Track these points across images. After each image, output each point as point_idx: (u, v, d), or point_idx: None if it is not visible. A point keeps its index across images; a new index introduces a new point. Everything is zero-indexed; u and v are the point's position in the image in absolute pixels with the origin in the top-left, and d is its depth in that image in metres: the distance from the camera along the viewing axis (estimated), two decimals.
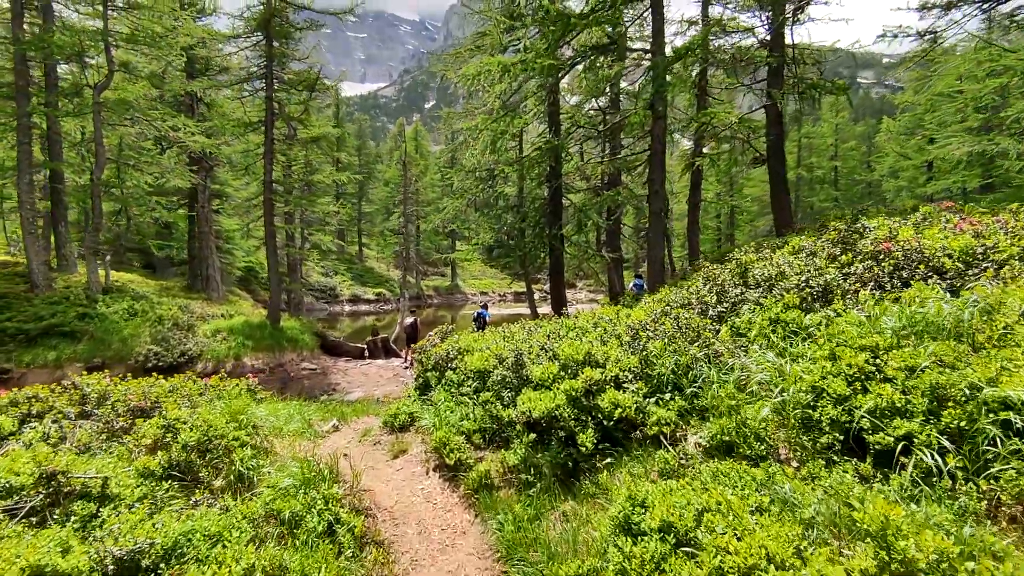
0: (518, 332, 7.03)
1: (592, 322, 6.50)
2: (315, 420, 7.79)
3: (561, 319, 7.31)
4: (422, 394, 5.96)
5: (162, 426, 4.79)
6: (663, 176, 11.35)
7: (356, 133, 70.49)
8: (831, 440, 2.86)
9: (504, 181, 20.09)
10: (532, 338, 6.13)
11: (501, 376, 4.71)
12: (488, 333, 7.31)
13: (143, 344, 14.78)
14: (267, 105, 17.54)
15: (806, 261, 4.90)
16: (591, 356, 4.31)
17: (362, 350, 20.10)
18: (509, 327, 7.91)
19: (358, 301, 50.55)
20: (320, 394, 15.50)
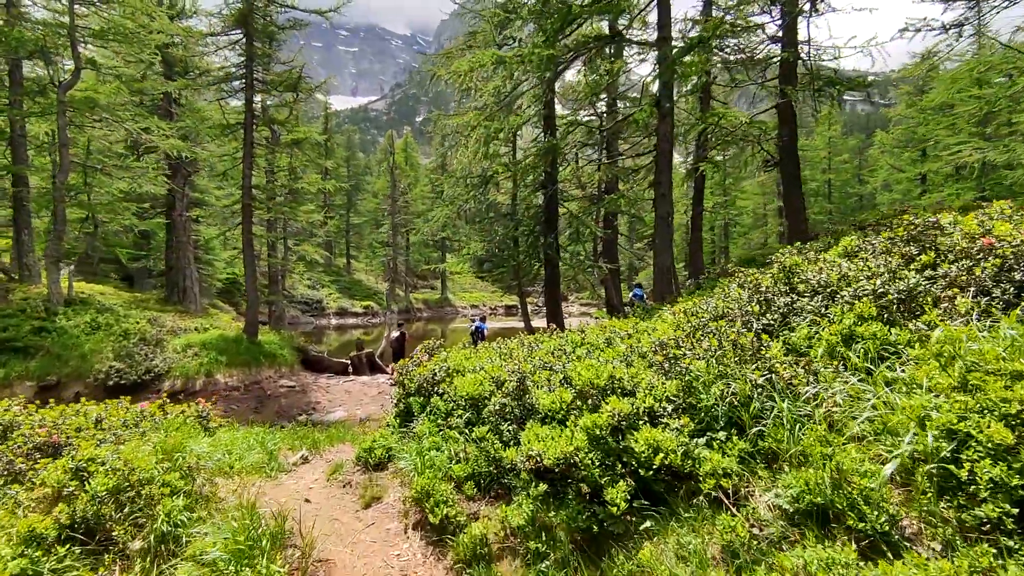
0: (517, 349, 6.08)
1: (604, 337, 5.57)
2: (282, 450, 6.75)
3: (566, 334, 6.38)
4: (403, 423, 4.97)
5: (69, 469, 3.76)
6: (670, 178, 10.53)
7: (345, 144, 69.80)
8: (996, 513, 1.93)
9: (496, 189, 19.24)
10: (535, 356, 5.19)
11: (500, 405, 3.77)
12: (482, 350, 6.35)
13: (105, 360, 13.61)
14: (246, 107, 16.58)
15: (877, 262, 4.01)
16: (616, 381, 3.38)
17: (346, 366, 19.00)
18: (505, 343, 6.96)
19: (345, 314, 49.35)
20: (298, 413, 14.39)
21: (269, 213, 18.35)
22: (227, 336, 16.22)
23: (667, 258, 10.68)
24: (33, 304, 15.01)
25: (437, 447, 3.95)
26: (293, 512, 3.98)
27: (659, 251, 10.80)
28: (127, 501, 3.69)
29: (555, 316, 16.91)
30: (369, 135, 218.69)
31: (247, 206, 16.48)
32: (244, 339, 16.42)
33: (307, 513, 4.10)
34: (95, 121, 16.67)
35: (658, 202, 10.77)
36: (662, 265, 10.74)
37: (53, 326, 14.24)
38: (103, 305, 16.58)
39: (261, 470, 5.36)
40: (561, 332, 7.53)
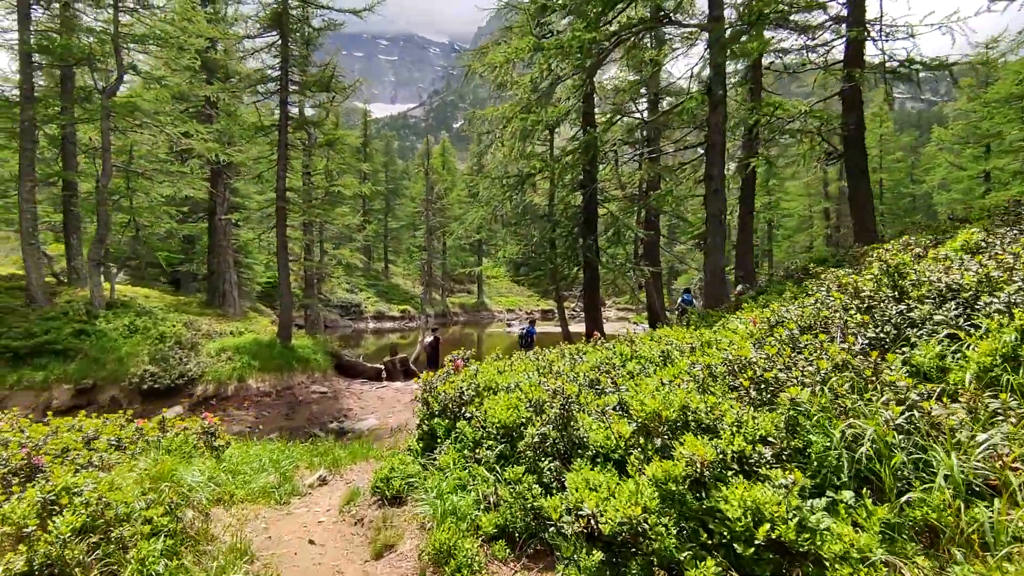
0: (557, 361, 5.33)
1: (658, 350, 4.76)
2: (300, 468, 6.19)
3: (613, 344, 5.60)
4: (427, 448, 4.29)
5: (36, 502, 3.23)
6: (723, 172, 9.59)
7: (383, 150, 70.53)
8: None
9: (533, 189, 18.55)
10: (578, 371, 4.44)
11: (539, 437, 3.03)
12: (518, 362, 5.63)
13: (140, 364, 13.54)
14: (281, 108, 16.43)
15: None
16: (690, 412, 2.61)
17: (379, 371, 18.61)
18: (544, 354, 6.22)
19: (383, 318, 49.51)
20: (329, 421, 14.00)
21: (304, 216, 18.15)
22: (260, 340, 16.04)
23: (720, 259, 9.71)
24: (75, 307, 15.15)
25: (463, 485, 3.25)
26: (291, 559, 3.34)
27: (711, 252, 9.83)
28: (99, 543, 3.12)
29: (594, 322, 16.05)
30: (408, 142, 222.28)
31: (281, 208, 16.29)
32: (277, 343, 16.20)
33: (309, 561, 3.46)
34: (136, 126, 16.83)
35: (709, 199, 9.83)
36: (715, 268, 9.78)
37: (93, 329, 14.30)
38: (142, 308, 16.66)
39: (270, 495, 4.78)
40: (604, 341, 6.75)
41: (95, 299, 15.69)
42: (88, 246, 20.72)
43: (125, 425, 4.64)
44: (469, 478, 3.25)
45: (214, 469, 4.33)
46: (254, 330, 18.46)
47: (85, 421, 4.66)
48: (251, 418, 13.46)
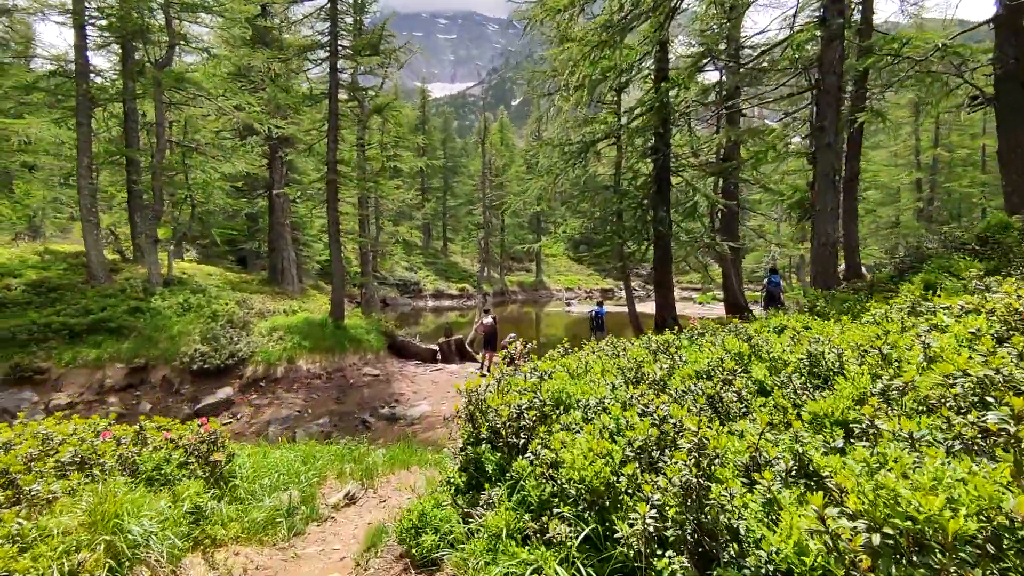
0: (646, 361, 3.99)
1: (802, 351, 3.31)
2: (327, 479, 5.19)
3: (721, 339, 4.20)
4: (471, 483, 3.08)
5: None
6: (836, 120, 7.73)
7: (441, 127, 69.91)
8: None
9: (597, 158, 16.90)
10: (683, 379, 3.10)
11: (653, 526, 1.75)
12: (594, 361, 4.33)
13: (191, 343, 13.23)
14: (331, 75, 15.55)
15: None
16: (953, 503, 1.25)
17: (434, 352, 17.79)
18: (625, 346, 4.90)
19: (441, 296, 49.35)
20: (380, 406, 13.25)
21: (356, 189, 17.38)
22: (312, 320, 15.48)
23: (831, 228, 7.89)
24: (133, 284, 15.10)
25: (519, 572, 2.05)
26: None
27: (820, 219, 8.00)
28: None
29: (665, 303, 14.41)
30: (467, 121, 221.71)
31: (332, 181, 15.53)
32: (329, 323, 15.60)
33: None
34: (190, 99, 16.48)
35: (820, 155, 8.00)
36: (824, 238, 7.95)
37: (147, 307, 14.14)
38: (198, 286, 16.49)
39: (276, 528, 3.75)
40: (678, 327, 5.34)
41: (152, 276, 15.60)
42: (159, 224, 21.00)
43: (101, 435, 3.70)
44: (527, 554, 2.02)
45: (199, 497, 3.32)
46: (308, 308, 18.04)
47: (56, 428, 3.77)
48: (300, 401, 12.90)
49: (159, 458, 3.38)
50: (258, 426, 11.92)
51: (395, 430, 11.98)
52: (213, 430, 3.97)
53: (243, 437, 11.62)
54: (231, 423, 11.97)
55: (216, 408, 12.18)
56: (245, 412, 12.29)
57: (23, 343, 11.90)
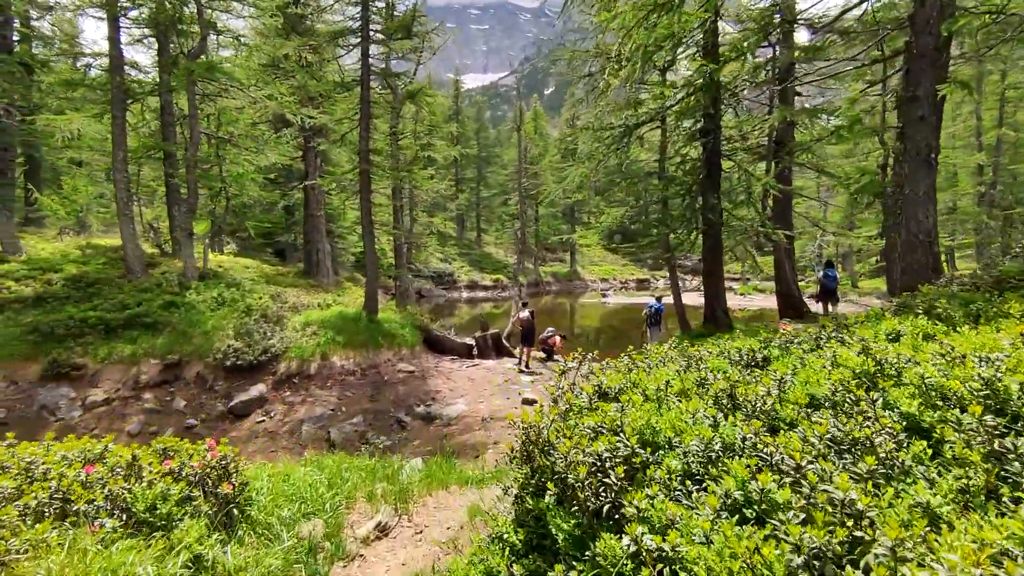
0: (740, 381, 3.24)
1: (965, 379, 2.52)
2: (357, 501, 4.63)
3: (833, 352, 3.42)
4: (529, 543, 2.41)
5: None
6: (932, 89, 6.70)
7: (475, 117, 69.35)
8: None
9: (640, 143, 15.94)
10: (798, 407, 2.37)
11: None
12: (671, 374, 3.60)
13: (225, 338, 13.00)
14: (362, 61, 15.04)
15: None
16: None
17: (470, 347, 17.24)
18: (702, 357, 4.15)
19: (475, 287, 49.04)
20: (415, 404, 12.77)
21: (389, 179, 16.91)
22: (346, 314, 15.12)
23: (928, 216, 6.87)
24: (169, 278, 15.02)
25: None
26: None
27: (912, 207, 6.98)
28: None
29: (716, 295, 13.46)
30: (500, 111, 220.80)
31: (364, 172, 15.07)
32: (363, 317, 15.21)
33: None
34: (222, 90, 16.26)
35: (911, 131, 6.97)
36: (918, 227, 6.92)
37: (182, 301, 14.01)
38: (232, 279, 16.35)
39: (295, 571, 3.18)
40: (778, 338, 4.55)
41: (187, 270, 15.51)
42: (197, 218, 21.07)
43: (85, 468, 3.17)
44: None
45: (199, 545, 2.76)
46: (342, 302, 17.74)
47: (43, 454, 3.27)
48: (334, 399, 12.54)
49: (153, 495, 2.85)
50: (291, 425, 11.61)
51: (431, 431, 11.48)
52: (223, 455, 3.42)
53: (276, 436, 11.32)
54: (264, 421, 11.69)
55: (249, 405, 11.92)
56: (278, 410, 11.99)
57: (60, 338, 11.87)
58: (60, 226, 21.02)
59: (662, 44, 9.18)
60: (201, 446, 3.57)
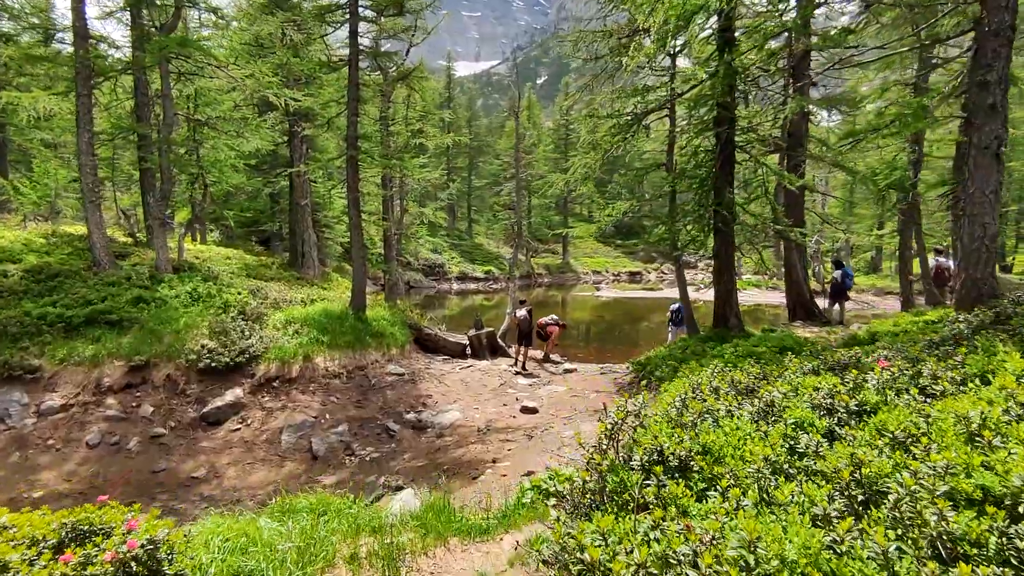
0: (873, 463, 2.36)
1: None
2: (336, 566, 3.75)
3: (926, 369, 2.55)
4: None
5: None
6: (1007, 73, 5.87)
7: (467, 105, 68.11)
8: None
9: (647, 133, 15.04)
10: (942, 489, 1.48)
11: None
12: (752, 438, 2.72)
13: (199, 337, 11.98)
14: (351, 41, 13.96)
15: None
16: None
17: (463, 347, 16.36)
18: (775, 400, 3.28)
19: (466, 279, 48.20)
20: (405, 410, 11.89)
21: (379, 167, 15.88)
22: (331, 311, 14.13)
23: (994, 221, 6.06)
24: (139, 271, 13.92)
25: None
26: None
27: (976, 208, 6.13)
28: None
29: (728, 296, 12.65)
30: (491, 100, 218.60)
31: (352, 158, 14.04)
32: (349, 315, 14.24)
33: None
34: (198, 69, 15.08)
35: (980, 120, 6.11)
36: (982, 233, 6.10)
37: (153, 296, 12.95)
38: (210, 272, 15.27)
39: None
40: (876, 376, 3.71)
41: (160, 262, 14.42)
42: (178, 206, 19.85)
43: None
44: None
45: None
46: (328, 296, 16.73)
47: None
48: (317, 404, 11.60)
49: None
50: (270, 433, 10.67)
51: (422, 441, 10.61)
52: (149, 541, 2.50)
53: (253, 446, 10.38)
54: (240, 429, 10.74)
55: (224, 412, 10.95)
56: (256, 417, 11.04)
57: (14, 337, 10.78)
58: (26, 213, 19.71)
59: (691, 17, 8.24)
60: (119, 526, 2.65)
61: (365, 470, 9.58)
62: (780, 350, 8.80)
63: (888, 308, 27.86)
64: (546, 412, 11.19)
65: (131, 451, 9.82)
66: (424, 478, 8.51)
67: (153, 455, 9.83)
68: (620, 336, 24.38)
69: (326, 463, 9.98)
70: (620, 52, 12.19)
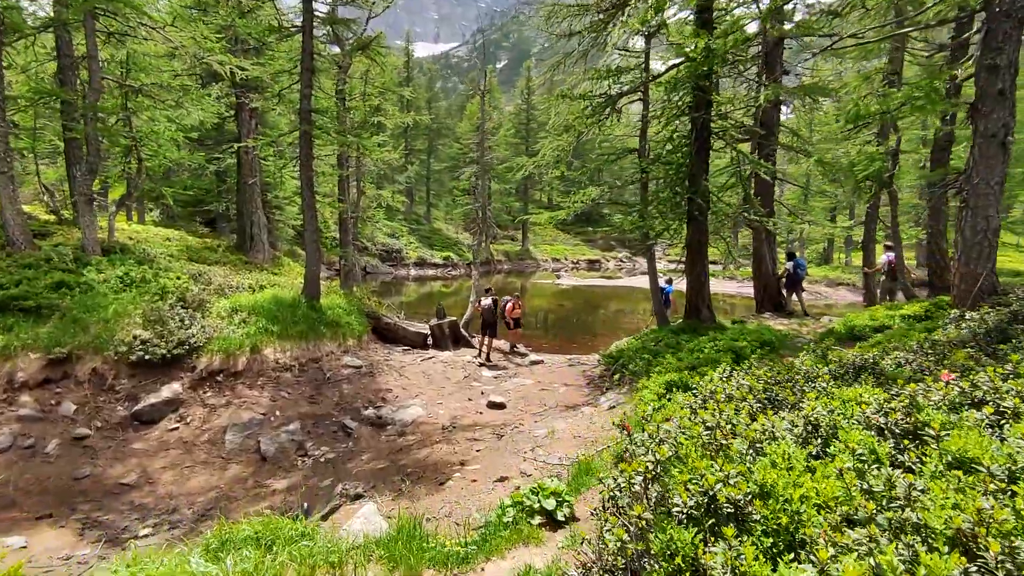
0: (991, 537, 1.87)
1: None
2: None
3: None
4: None
5: None
6: (1016, 54, 5.59)
7: (426, 85, 66.33)
8: None
9: (617, 116, 14.56)
10: None
11: None
12: (858, 499, 2.20)
13: (131, 327, 10.80)
14: (304, 6, 12.83)
15: None
16: None
17: (424, 337, 15.62)
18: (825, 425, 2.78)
19: (424, 265, 47.16)
20: (363, 406, 11.11)
21: (335, 144, 14.82)
22: (282, 298, 13.11)
23: (995, 212, 5.82)
24: (62, 252, 12.49)
25: None
26: None
27: (979, 200, 5.86)
28: None
29: (700, 287, 12.40)
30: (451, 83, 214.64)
31: (306, 133, 12.98)
32: (302, 302, 13.27)
33: None
34: (129, 29, 13.57)
35: (987, 107, 5.83)
36: (986, 227, 5.82)
37: (78, 280, 11.61)
38: (145, 254, 13.94)
39: None
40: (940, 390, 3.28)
41: (87, 243, 13.01)
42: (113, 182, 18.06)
43: None
44: None
45: None
46: (279, 282, 15.61)
47: None
48: (266, 400, 10.67)
49: None
50: (212, 432, 9.71)
51: (382, 440, 9.89)
52: None
53: (193, 447, 9.42)
54: (178, 428, 9.73)
55: (160, 410, 9.90)
56: (197, 414, 10.04)
57: None
58: None
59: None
60: None
61: (320, 473, 8.81)
62: (761, 344, 8.52)
63: (840, 299, 28.71)
64: (515, 408, 10.65)
65: (49, 455, 8.70)
66: (385, 483, 7.84)
67: (75, 459, 8.75)
68: (583, 324, 24.13)
69: (276, 465, 9.14)
70: (598, 28, 11.58)
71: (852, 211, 32.79)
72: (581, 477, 5.39)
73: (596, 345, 17.36)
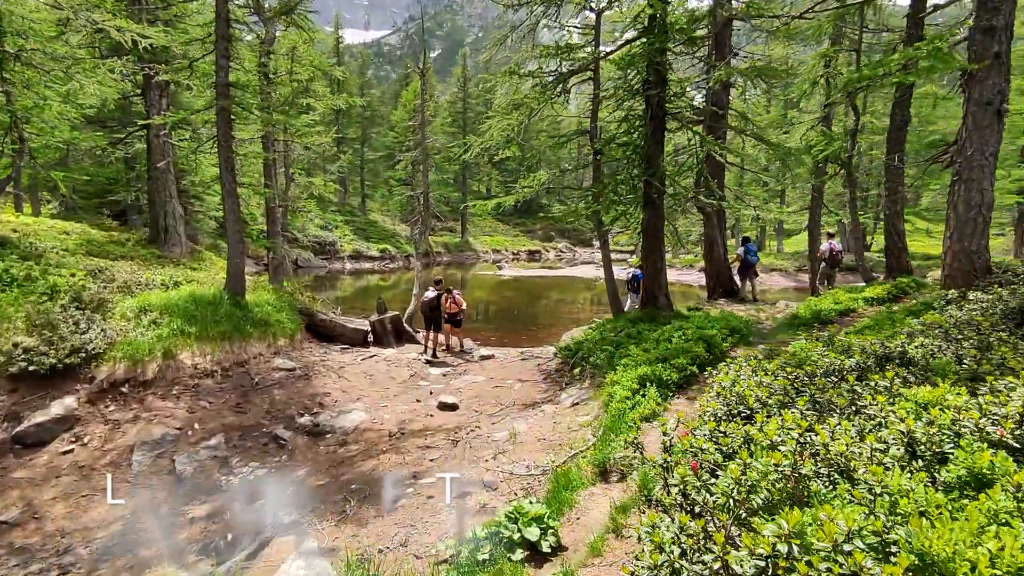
0: None
1: None
2: None
3: None
4: None
5: None
6: (1013, 16, 5.31)
7: (357, 72, 63.60)
8: None
9: (566, 98, 13.94)
10: None
11: None
12: None
13: (11, 333, 9.10)
14: None
15: None
16: None
17: (365, 334, 14.47)
18: None
19: (360, 258, 45.19)
20: (298, 413, 9.95)
21: (260, 123, 13.34)
22: (201, 296, 11.62)
23: (989, 185, 5.49)
24: None
25: None
26: None
27: (973, 173, 5.54)
28: None
29: (657, 276, 12.00)
30: (383, 71, 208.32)
31: (224, 110, 11.50)
32: (225, 300, 11.82)
33: None
34: None
35: (982, 72, 5.52)
36: (980, 201, 5.48)
37: None
38: (32, 249, 12.00)
39: None
40: None
41: None
42: None
43: None
44: None
45: None
46: (196, 279, 13.96)
47: None
48: (182, 412, 9.30)
49: None
50: (116, 454, 8.29)
51: (321, 451, 8.81)
52: None
53: (92, 472, 7.99)
54: (73, 451, 8.24)
55: (49, 429, 8.35)
56: (96, 433, 8.56)
57: None
58: None
59: None
60: None
61: (247, 495, 7.65)
62: (731, 332, 8.13)
63: (774, 284, 29.69)
64: (468, 408, 9.83)
65: None
66: (326, 504, 6.83)
67: None
68: (529, 315, 23.57)
69: (195, 488, 7.88)
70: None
71: (783, 198, 33.95)
72: (560, 493, 4.66)
73: (545, 337, 16.79)
